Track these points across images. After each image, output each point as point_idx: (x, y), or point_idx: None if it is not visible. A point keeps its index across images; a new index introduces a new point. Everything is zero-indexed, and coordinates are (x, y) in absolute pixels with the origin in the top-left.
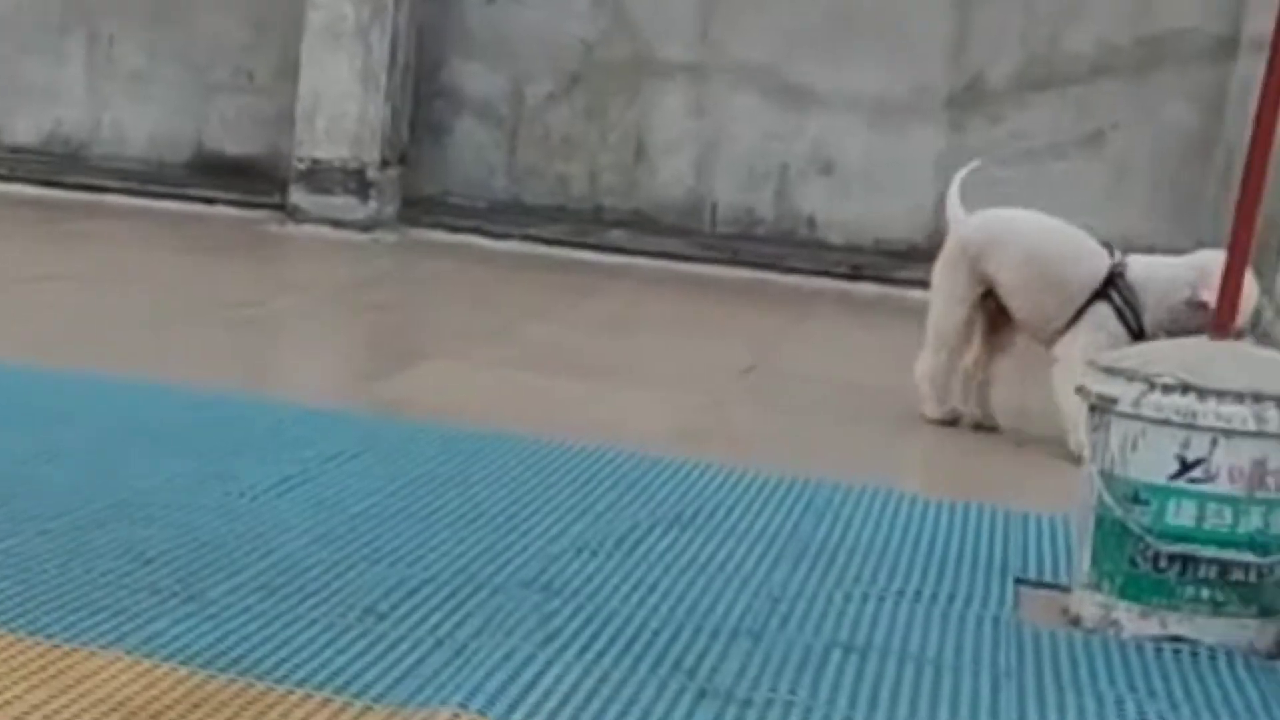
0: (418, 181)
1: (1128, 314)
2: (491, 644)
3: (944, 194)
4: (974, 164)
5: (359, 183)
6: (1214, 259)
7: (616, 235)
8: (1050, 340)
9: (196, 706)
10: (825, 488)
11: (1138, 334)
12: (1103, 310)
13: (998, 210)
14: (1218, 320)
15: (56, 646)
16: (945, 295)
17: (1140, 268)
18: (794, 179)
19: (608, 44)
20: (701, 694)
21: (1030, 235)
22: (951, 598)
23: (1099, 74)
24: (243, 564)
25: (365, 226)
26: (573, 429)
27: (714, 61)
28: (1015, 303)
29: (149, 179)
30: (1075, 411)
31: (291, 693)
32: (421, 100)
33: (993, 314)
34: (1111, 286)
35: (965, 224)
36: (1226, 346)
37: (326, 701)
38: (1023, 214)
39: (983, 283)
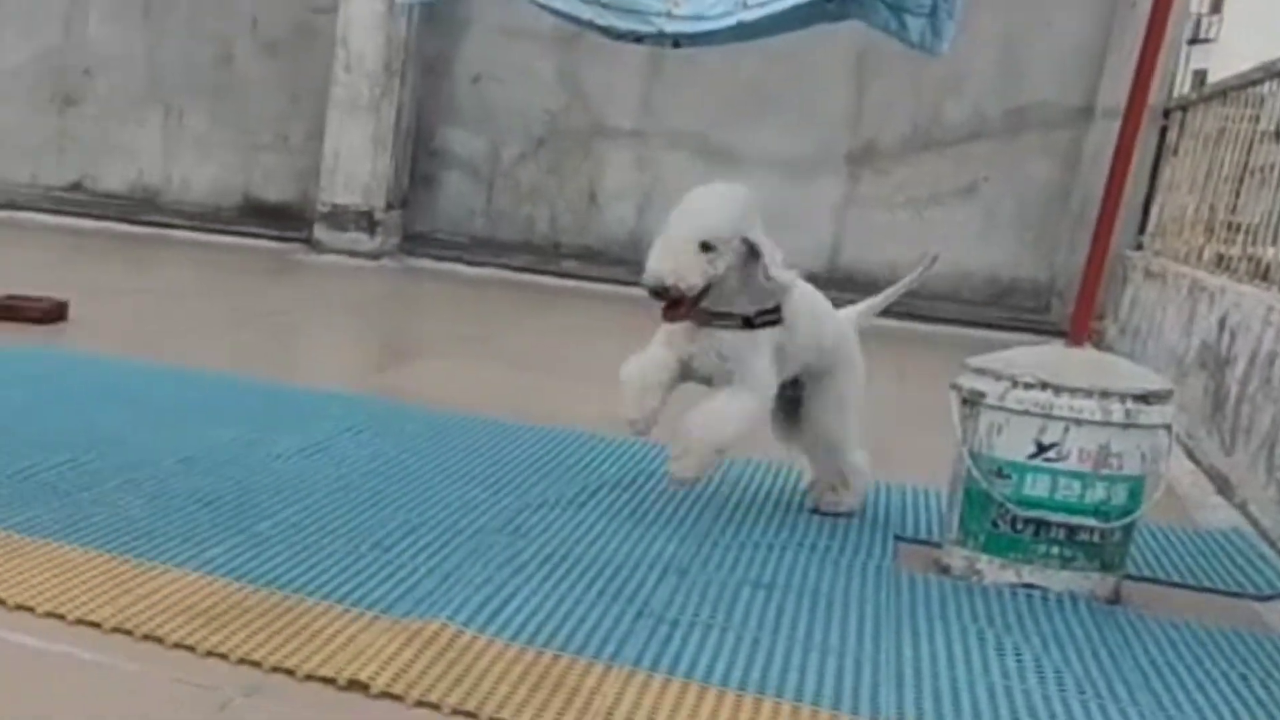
0: (414, 221)
1: None
2: (472, 573)
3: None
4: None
5: (368, 222)
6: None
7: (571, 264)
8: None
9: (244, 612)
10: (738, 463)
11: None
12: None
13: None
14: (1073, 332)
15: (140, 564)
16: None
17: None
18: None
19: (568, 114)
20: (639, 615)
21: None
22: (843, 550)
23: (973, 137)
24: (279, 507)
25: (373, 256)
26: (533, 412)
27: (653, 128)
28: None
29: (207, 219)
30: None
31: (317, 604)
32: (419, 158)
33: None
34: None
35: None
36: (1078, 352)
37: (344, 611)
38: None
39: None
